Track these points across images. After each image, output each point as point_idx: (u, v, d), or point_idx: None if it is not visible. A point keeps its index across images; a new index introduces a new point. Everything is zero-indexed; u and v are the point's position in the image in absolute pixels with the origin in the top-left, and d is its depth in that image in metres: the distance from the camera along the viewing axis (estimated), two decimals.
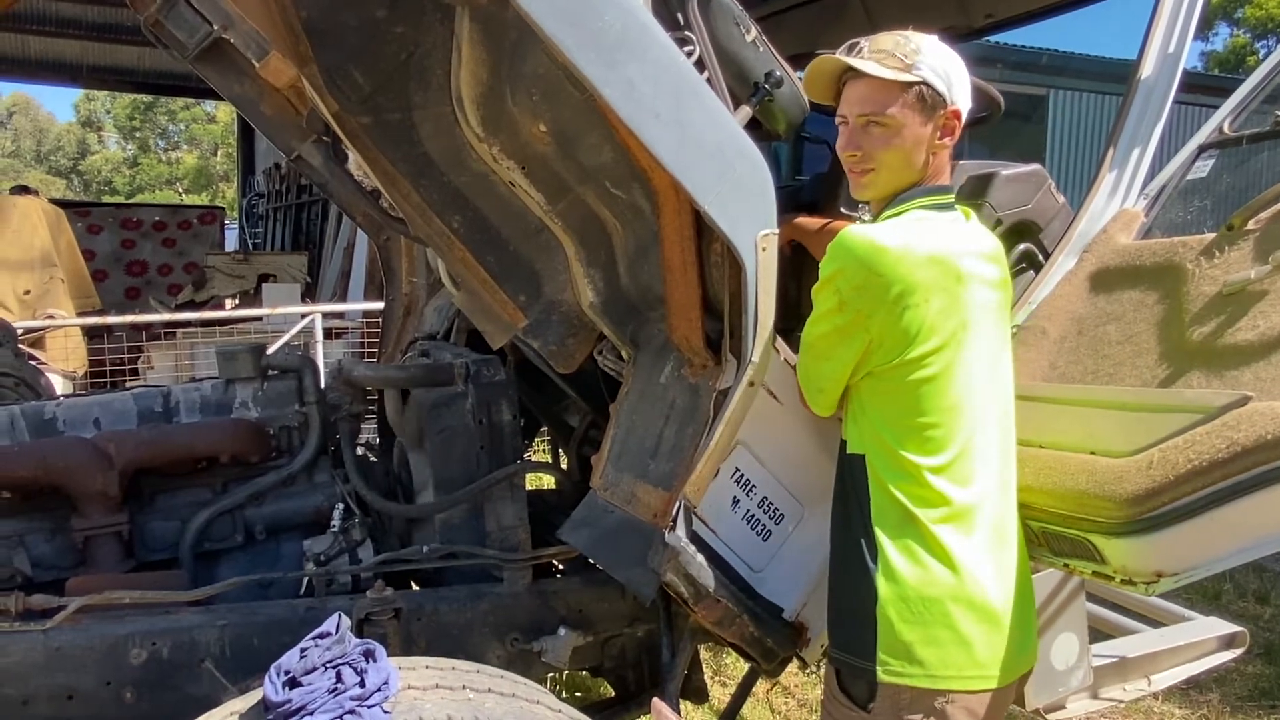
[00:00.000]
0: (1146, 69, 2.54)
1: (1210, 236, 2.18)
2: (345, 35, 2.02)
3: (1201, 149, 2.50)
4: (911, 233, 1.86)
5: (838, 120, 1.98)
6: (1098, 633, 3.14)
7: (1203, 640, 3.17)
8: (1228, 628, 3.22)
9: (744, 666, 4.11)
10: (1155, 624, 3.34)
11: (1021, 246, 2.71)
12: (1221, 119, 2.47)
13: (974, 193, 2.67)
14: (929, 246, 1.84)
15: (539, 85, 1.96)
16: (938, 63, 1.90)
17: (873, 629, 1.86)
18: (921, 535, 1.85)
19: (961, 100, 1.94)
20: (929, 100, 1.89)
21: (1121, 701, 3.03)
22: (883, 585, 1.86)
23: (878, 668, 1.86)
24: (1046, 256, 2.62)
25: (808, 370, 2.03)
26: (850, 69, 1.91)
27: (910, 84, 1.88)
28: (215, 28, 2.50)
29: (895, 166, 1.94)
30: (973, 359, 1.89)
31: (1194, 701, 4.35)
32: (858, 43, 1.95)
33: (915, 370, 1.85)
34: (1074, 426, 2.13)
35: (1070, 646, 2.81)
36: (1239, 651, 3.20)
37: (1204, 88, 12.29)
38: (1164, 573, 1.88)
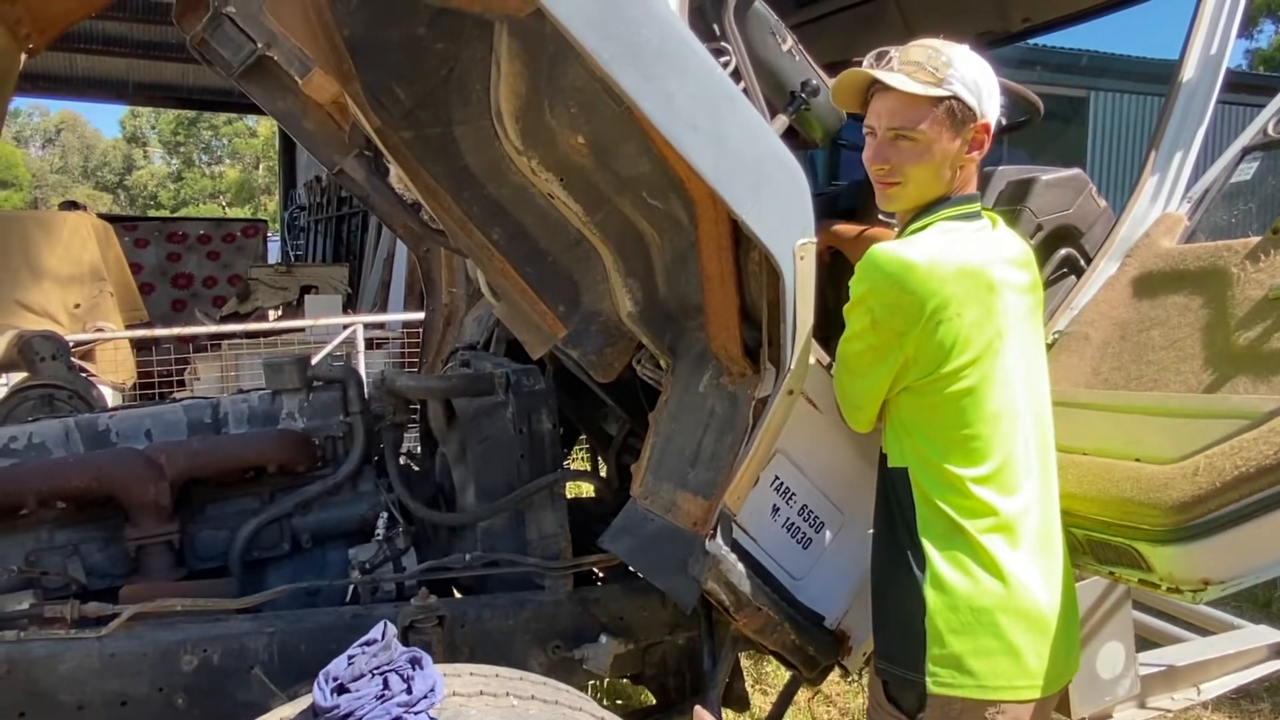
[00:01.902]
0: (1188, 71, 2.51)
1: (1255, 240, 2.15)
2: (387, 52, 2.06)
3: (1245, 151, 2.47)
4: (939, 246, 1.85)
5: (865, 131, 1.97)
6: (1145, 641, 3.10)
7: (1253, 648, 3.12)
8: (1278, 636, 3.17)
9: (785, 675, 4.10)
10: (1203, 632, 3.29)
11: (1063, 251, 2.69)
12: (1266, 121, 2.44)
13: (1014, 198, 2.65)
14: (958, 259, 1.83)
15: (577, 98, 1.99)
16: (969, 75, 1.87)
17: (921, 640, 1.86)
18: (970, 546, 1.84)
19: (991, 112, 1.91)
20: (959, 115, 1.87)
21: (1170, 711, 2.98)
22: (931, 596, 1.85)
23: (928, 679, 1.86)
24: (1088, 261, 2.60)
25: (844, 388, 2.03)
26: (878, 80, 1.89)
27: (940, 99, 1.85)
28: (259, 46, 2.56)
29: (922, 180, 1.92)
30: (1010, 366, 1.88)
31: (1244, 711, 4.27)
32: (887, 52, 1.92)
33: (953, 383, 1.85)
34: (1118, 433, 2.11)
35: (1117, 655, 2.78)
36: None
37: (1249, 86, 12.09)
38: (1211, 580, 1.86)
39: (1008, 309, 1.87)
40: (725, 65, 1.95)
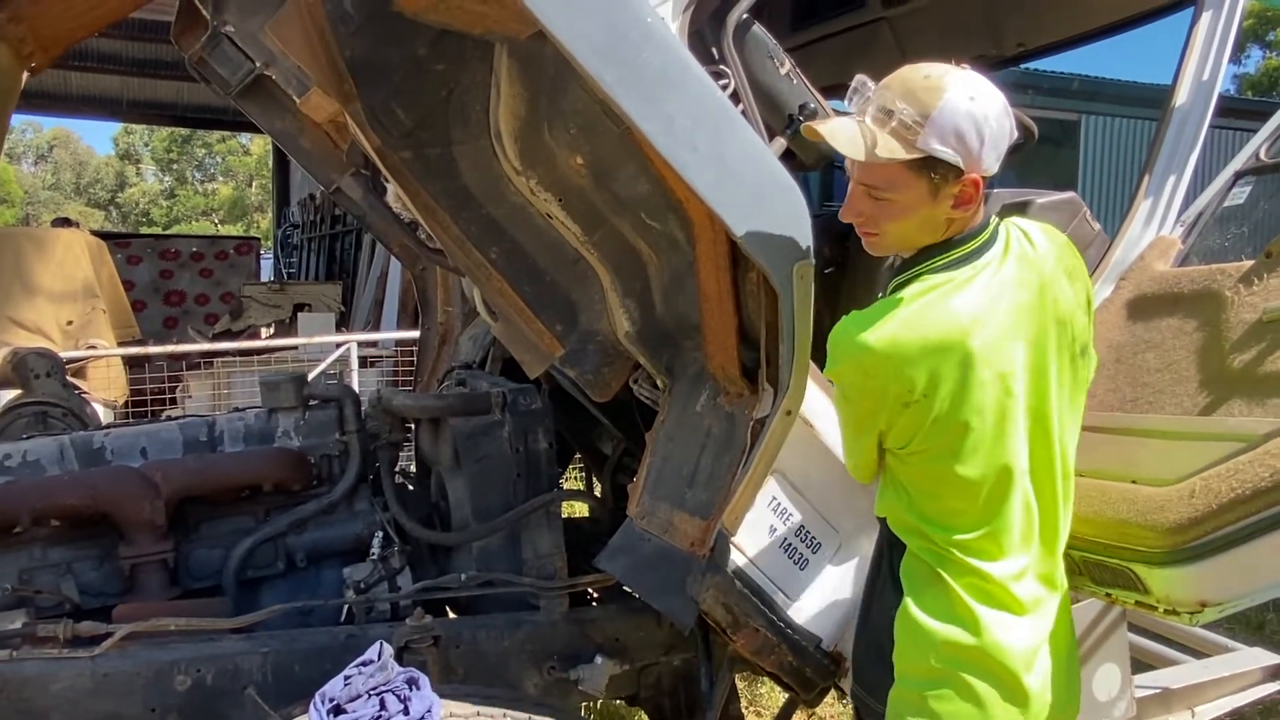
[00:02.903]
0: (1181, 96, 2.54)
1: (1249, 263, 2.17)
2: (388, 73, 2.07)
3: (1238, 175, 2.50)
4: (907, 318, 1.70)
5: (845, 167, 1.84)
6: (1140, 663, 3.10)
7: (1247, 671, 3.13)
8: (1273, 659, 3.18)
9: (780, 697, 4.08)
10: (1199, 655, 3.29)
11: None
12: (1258, 145, 2.47)
13: None
14: (926, 333, 1.68)
15: (576, 119, 2.00)
16: (951, 126, 1.64)
17: (889, 671, 1.83)
18: (947, 595, 1.77)
19: (988, 160, 1.69)
20: (937, 176, 1.68)
21: None
22: (901, 631, 1.81)
23: (889, 711, 1.84)
24: None
25: (842, 440, 1.98)
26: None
27: (913, 160, 1.67)
28: (258, 65, 2.58)
29: (905, 233, 1.78)
30: (1007, 430, 1.74)
31: None
32: (865, 84, 1.75)
33: (931, 458, 1.76)
34: (1114, 454, 2.12)
35: (1113, 677, 2.77)
36: None
37: (1238, 111, 12.20)
38: (1208, 602, 1.87)
39: (1000, 375, 1.71)
40: (724, 88, 1.96)
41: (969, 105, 1.66)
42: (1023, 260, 1.81)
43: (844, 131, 1.70)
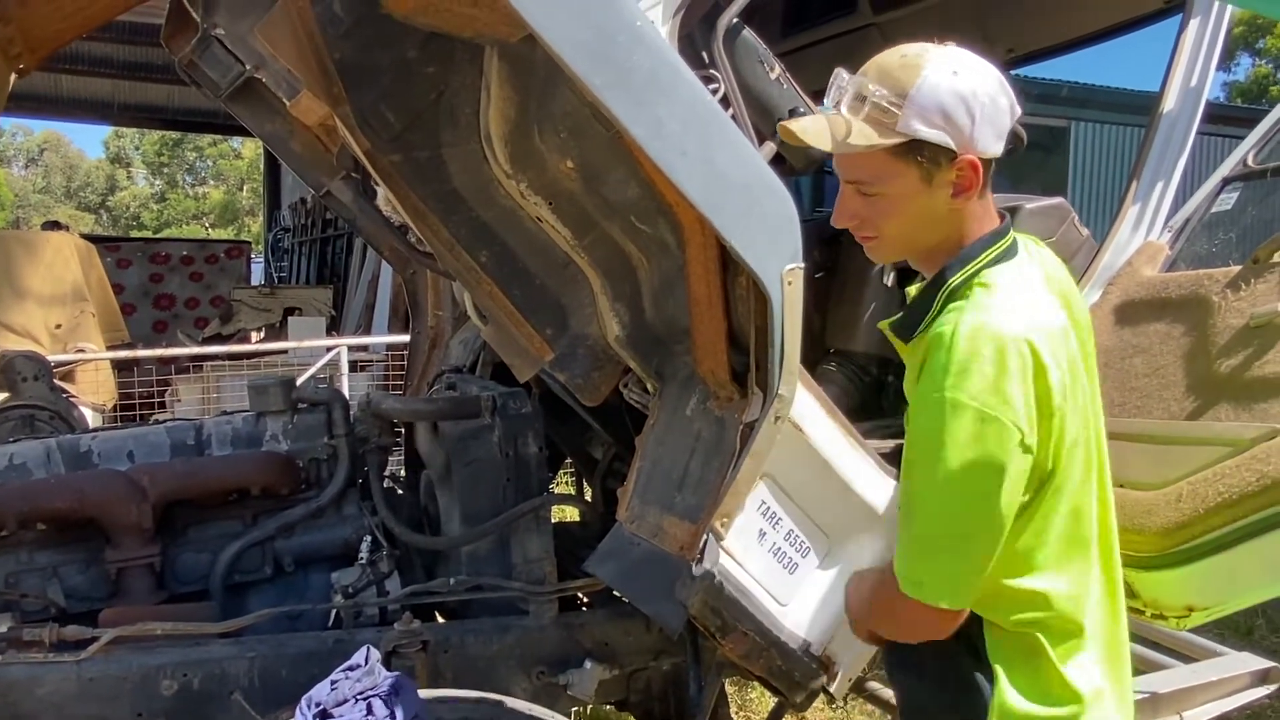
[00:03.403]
0: (1169, 102, 2.56)
1: (1236, 269, 2.19)
2: (377, 76, 2.07)
3: (1226, 182, 2.51)
4: (1013, 313, 1.50)
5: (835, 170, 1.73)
6: None
7: (1236, 676, 3.13)
8: (1261, 663, 3.18)
9: (769, 702, 4.08)
10: (1187, 659, 3.29)
11: None
12: (1245, 152, 2.48)
13: None
14: (1048, 325, 1.50)
15: (566, 123, 2.00)
16: (934, 103, 1.51)
17: None
18: (1043, 667, 1.61)
19: (984, 140, 1.54)
20: (925, 159, 1.54)
21: None
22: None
23: None
24: None
25: (945, 541, 1.59)
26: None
27: (896, 146, 1.53)
28: (248, 68, 2.57)
29: (904, 234, 1.64)
30: (1078, 458, 1.59)
31: None
32: (840, 78, 1.62)
33: (1057, 492, 1.56)
34: None
35: None
36: (1273, 688, 3.15)
37: (1227, 118, 12.27)
38: (1195, 606, 1.88)
39: (1066, 392, 1.53)
40: (714, 92, 1.96)
41: (952, 81, 1.52)
42: (1044, 269, 1.73)
43: (814, 125, 1.58)
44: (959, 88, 1.52)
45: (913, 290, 1.73)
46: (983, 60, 1.60)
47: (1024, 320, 1.48)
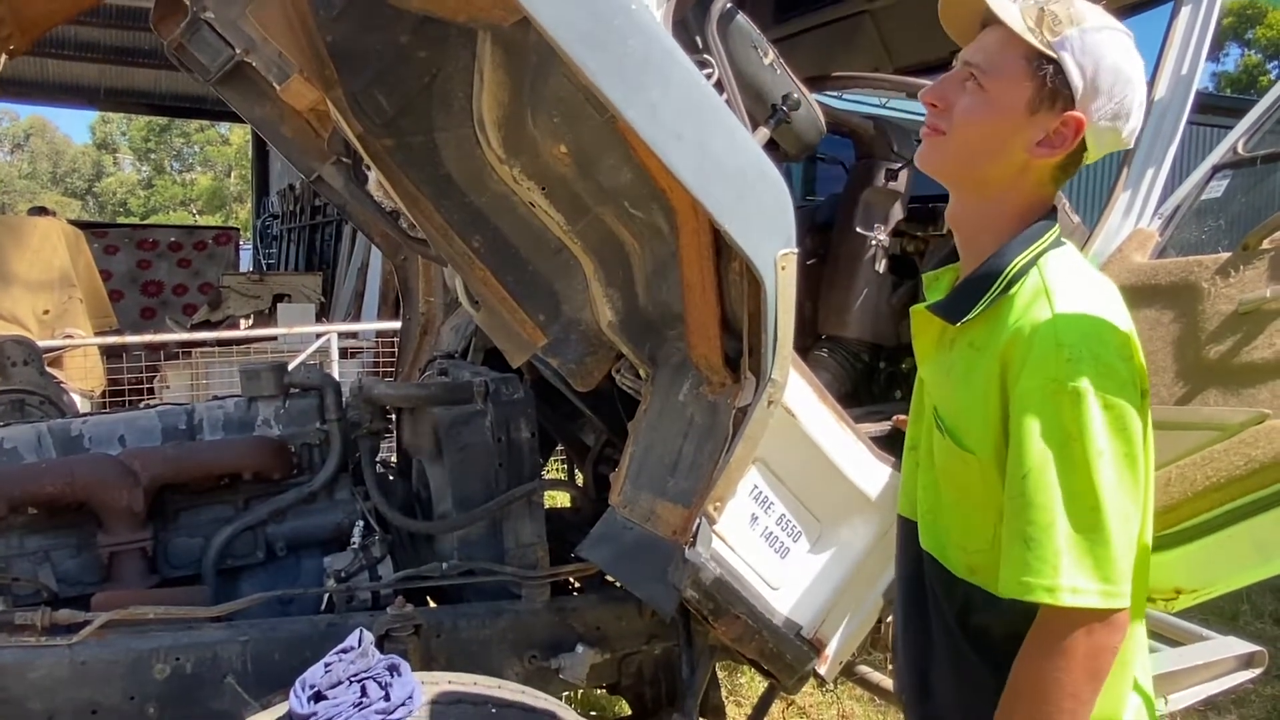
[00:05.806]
0: (1160, 90, 2.57)
1: (1225, 256, 2.20)
2: (370, 60, 2.06)
3: (1216, 169, 2.52)
4: (1087, 295, 1.45)
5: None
6: None
7: (1221, 659, 3.15)
8: (1246, 647, 3.20)
9: (759, 687, 4.10)
10: (1173, 643, 3.32)
11: None
12: (1235, 140, 2.49)
13: None
14: (1118, 310, 1.47)
15: (559, 107, 2.00)
16: (1092, 50, 1.44)
17: None
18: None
19: (1100, 115, 1.46)
20: (1049, 88, 1.44)
21: None
22: None
23: None
24: None
25: (1103, 522, 1.36)
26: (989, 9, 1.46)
27: (1035, 54, 1.44)
28: (238, 51, 2.55)
29: (970, 144, 1.51)
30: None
31: None
32: None
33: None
34: None
35: None
36: (1257, 671, 3.18)
37: (1217, 108, 12.30)
38: (1184, 589, 1.90)
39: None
40: (708, 77, 1.96)
41: (1124, 55, 1.47)
42: None
43: (1001, 5, 1.46)
44: (1123, 65, 1.47)
45: (933, 275, 1.70)
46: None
47: (1115, 304, 1.47)
